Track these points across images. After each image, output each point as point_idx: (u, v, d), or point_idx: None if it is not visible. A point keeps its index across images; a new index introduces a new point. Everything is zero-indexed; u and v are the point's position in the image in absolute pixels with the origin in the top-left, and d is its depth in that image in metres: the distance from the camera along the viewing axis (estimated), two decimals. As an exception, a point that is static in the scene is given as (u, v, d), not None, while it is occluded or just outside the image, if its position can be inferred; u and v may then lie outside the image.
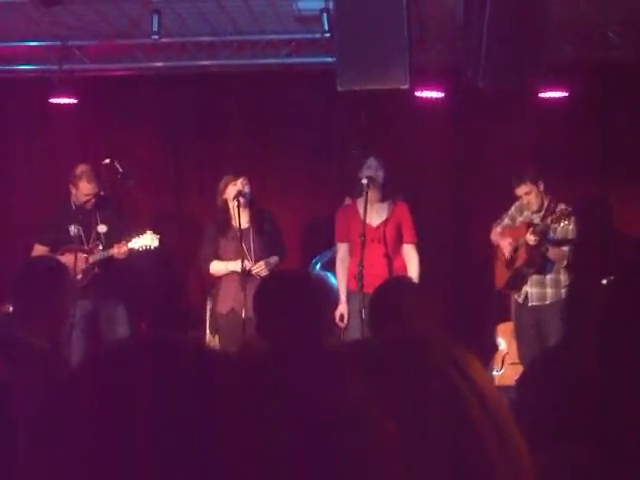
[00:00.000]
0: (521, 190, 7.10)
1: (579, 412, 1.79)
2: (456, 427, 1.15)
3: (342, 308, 6.94)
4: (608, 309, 1.70)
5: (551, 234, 7.01)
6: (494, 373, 7.65)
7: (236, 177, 6.90)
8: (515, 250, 7.16)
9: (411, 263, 6.95)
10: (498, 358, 7.80)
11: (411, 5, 6.36)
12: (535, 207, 7.13)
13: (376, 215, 6.98)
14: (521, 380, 4.17)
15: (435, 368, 1.20)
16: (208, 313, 7.63)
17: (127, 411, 0.97)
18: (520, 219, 7.27)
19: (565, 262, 7.07)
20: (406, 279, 5.70)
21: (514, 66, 6.33)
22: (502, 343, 7.81)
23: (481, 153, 8.89)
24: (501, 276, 7.34)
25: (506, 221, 7.37)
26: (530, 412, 2.99)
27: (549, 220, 6.96)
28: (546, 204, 7.13)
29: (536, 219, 7.12)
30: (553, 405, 3.03)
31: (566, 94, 8.28)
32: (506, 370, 7.63)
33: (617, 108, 8.48)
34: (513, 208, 7.34)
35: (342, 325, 6.99)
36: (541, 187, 7.10)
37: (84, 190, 7.20)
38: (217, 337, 7.20)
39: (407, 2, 6.25)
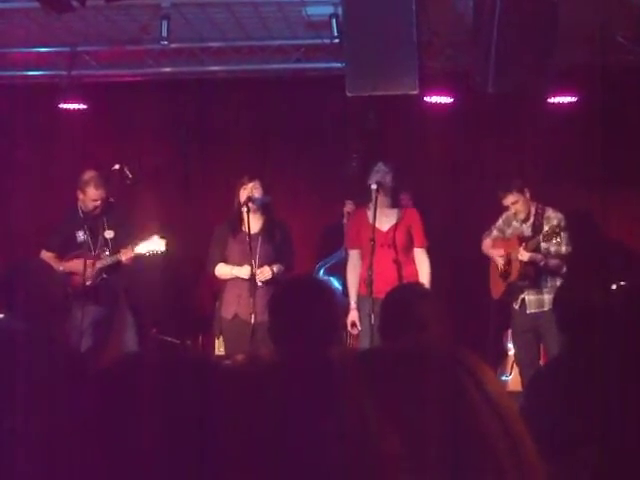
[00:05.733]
0: (508, 200, 7.08)
1: (584, 420, 1.78)
2: (469, 439, 1.14)
3: (353, 315, 6.89)
4: (618, 314, 1.70)
5: (551, 250, 6.96)
6: (503, 378, 7.64)
7: (249, 180, 6.81)
8: (508, 262, 7.13)
9: (422, 268, 6.91)
10: (507, 363, 7.78)
11: (420, 11, 6.37)
12: (523, 216, 7.10)
13: (386, 220, 6.95)
14: (528, 388, 4.16)
15: (447, 380, 1.19)
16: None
17: (131, 422, 0.98)
18: (509, 231, 7.24)
19: (565, 269, 7.02)
20: (417, 285, 5.66)
21: (523, 71, 6.33)
22: (511, 348, 7.80)
23: (490, 158, 8.88)
24: (497, 286, 7.31)
25: (495, 233, 7.34)
26: (538, 420, 2.98)
27: (541, 238, 6.90)
28: (533, 211, 7.11)
29: (526, 229, 7.10)
30: (560, 413, 3.03)
31: (575, 99, 8.27)
32: (515, 375, 7.61)
33: (627, 113, 8.46)
34: (500, 220, 7.31)
35: (354, 332, 6.94)
36: (527, 195, 7.07)
37: (92, 196, 7.17)
38: (222, 341, 7.18)
39: (416, 8, 6.26)
